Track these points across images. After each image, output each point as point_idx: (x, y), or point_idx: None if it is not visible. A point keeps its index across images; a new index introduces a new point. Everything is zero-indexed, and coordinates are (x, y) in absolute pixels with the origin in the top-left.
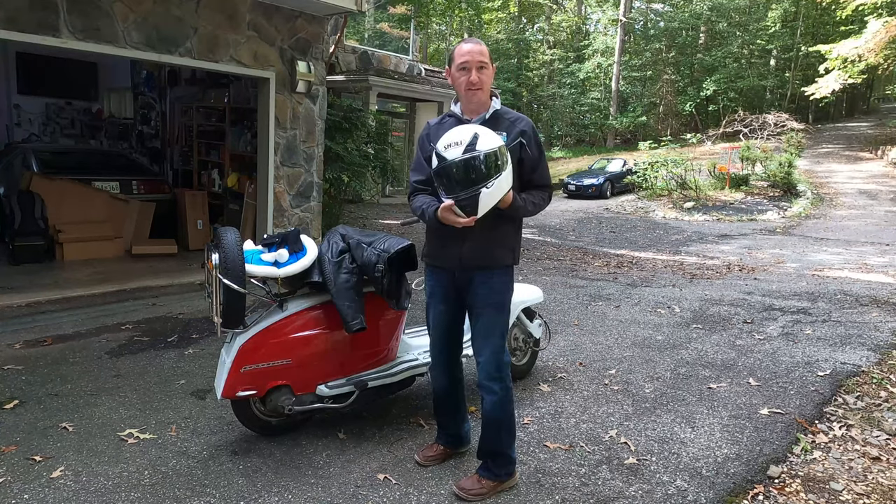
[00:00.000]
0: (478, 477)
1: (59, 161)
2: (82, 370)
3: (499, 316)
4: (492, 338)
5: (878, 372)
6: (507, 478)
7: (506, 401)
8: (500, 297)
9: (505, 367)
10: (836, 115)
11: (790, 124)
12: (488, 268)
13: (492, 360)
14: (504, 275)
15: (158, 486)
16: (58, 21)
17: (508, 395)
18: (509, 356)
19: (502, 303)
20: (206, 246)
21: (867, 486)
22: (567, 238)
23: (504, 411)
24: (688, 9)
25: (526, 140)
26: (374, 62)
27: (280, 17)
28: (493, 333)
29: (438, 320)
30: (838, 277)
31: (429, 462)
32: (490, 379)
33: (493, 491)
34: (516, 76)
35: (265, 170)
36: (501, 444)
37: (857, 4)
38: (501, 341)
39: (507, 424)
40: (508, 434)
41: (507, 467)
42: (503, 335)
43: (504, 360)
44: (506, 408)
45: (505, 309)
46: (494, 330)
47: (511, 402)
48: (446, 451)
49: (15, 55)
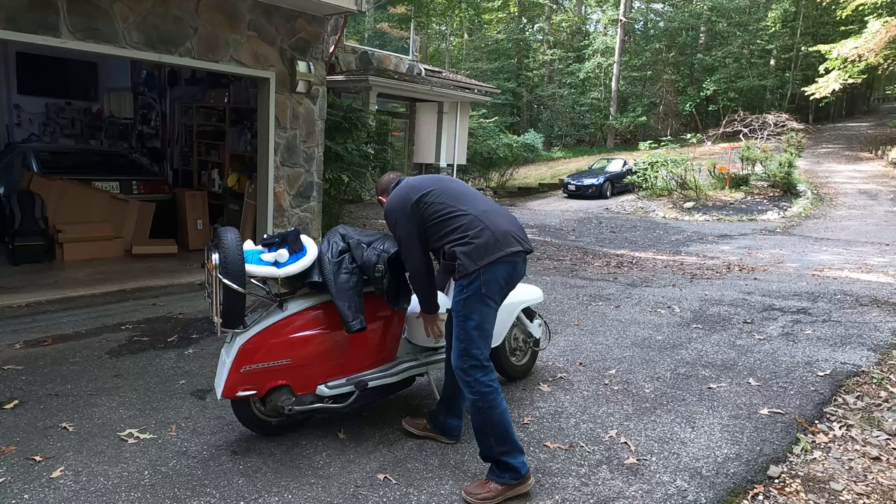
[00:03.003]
0: (485, 480)
1: (59, 161)
2: (82, 370)
3: (456, 322)
4: (456, 342)
5: (878, 372)
6: (514, 482)
7: (481, 406)
8: (454, 307)
9: (471, 371)
10: (836, 115)
11: (790, 124)
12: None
13: (454, 363)
14: (455, 287)
15: (158, 486)
16: (58, 21)
17: (482, 401)
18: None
19: (455, 311)
20: (206, 246)
21: (867, 486)
22: (567, 238)
23: (481, 417)
24: (688, 9)
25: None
26: (374, 62)
27: (280, 17)
28: (457, 338)
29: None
30: (838, 277)
31: (410, 428)
32: (460, 382)
33: (502, 495)
34: (516, 76)
35: (265, 170)
36: (493, 450)
37: (857, 4)
38: (459, 344)
39: (489, 431)
40: (498, 441)
41: (511, 472)
42: (460, 338)
43: (465, 365)
44: (484, 413)
45: (459, 315)
46: (457, 335)
47: (492, 409)
48: (427, 428)
49: (15, 55)
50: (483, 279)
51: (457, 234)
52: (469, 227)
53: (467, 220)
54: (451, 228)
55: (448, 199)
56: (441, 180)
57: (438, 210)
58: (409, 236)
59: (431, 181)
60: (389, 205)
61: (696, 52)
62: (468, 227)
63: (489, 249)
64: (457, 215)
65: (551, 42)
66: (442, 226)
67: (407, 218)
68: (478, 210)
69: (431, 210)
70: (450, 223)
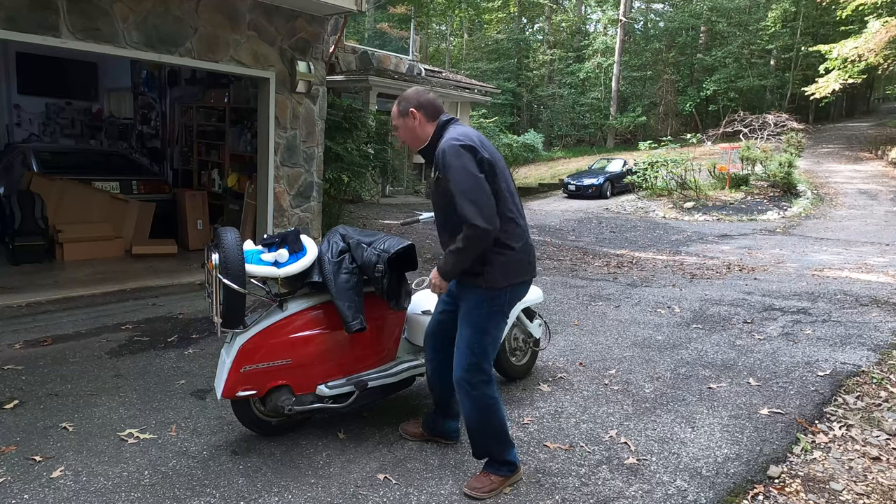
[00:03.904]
0: (485, 472)
1: (59, 161)
2: (82, 370)
3: (471, 333)
4: (462, 353)
5: (878, 372)
6: (510, 474)
7: (484, 416)
8: (470, 316)
9: (479, 386)
10: (836, 115)
11: (790, 124)
12: (460, 282)
13: (461, 375)
14: (472, 294)
15: (158, 486)
16: (58, 21)
17: (486, 412)
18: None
19: (473, 322)
20: (206, 246)
21: (867, 486)
22: (567, 238)
23: (482, 424)
24: (688, 9)
25: (440, 169)
26: (374, 62)
27: (280, 17)
28: (463, 348)
29: (434, 320)
30: (838, 277)
31: (405, 435)
32: (461, 393)
33: (501, 486)
34: (516, 76)
35: (265, 170)
36: (490, 450)
37: (857, 4)
38: (472, 358)
39: (486, 432)
40: (495, 441)
41: (508, 465)
42: (475, 352)
43: (476, 380)
44: (485, 420)
45: (477, 328)
46: (464, 345)
47: (493, 416)
48: (423, 434)
49: (15, 55)
50: (509, 297)
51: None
52: (517, 237)
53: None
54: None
55: (506, 190)
56: (500, 159)
57: (499, 194)
58: (479, 182)
59: (496, 153)
60: (453, 142)
61: (696, 52)
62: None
63: (524, 269)
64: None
65: (551, 42)
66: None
67: (475, 166)
68: (524, 221)
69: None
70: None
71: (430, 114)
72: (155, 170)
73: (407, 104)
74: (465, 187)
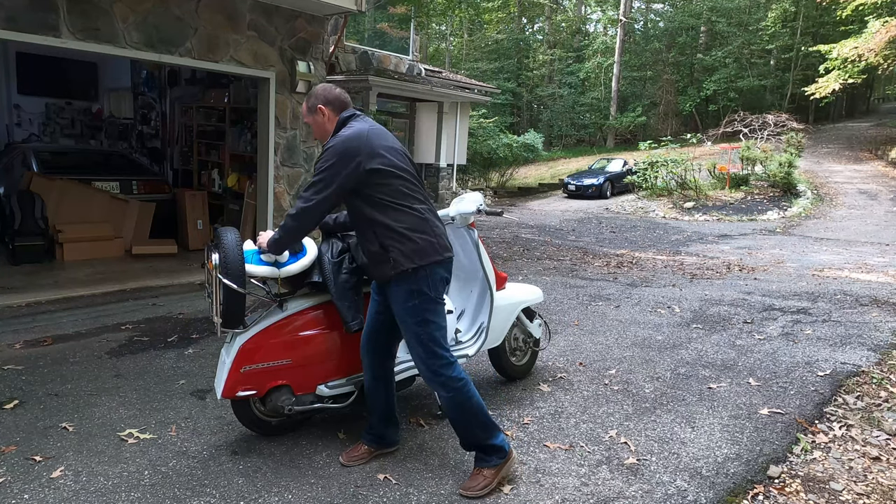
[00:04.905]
0: (477, 470)
1: (59, 161)
2: (82, 370)
3: (414, 326)
4: (414, 348)
5: (878, 372)
6: (502, 462)
7: (459, 400)
8: (403, 313)
9: (441, 370)
10: (836, 115)
11: (790, 124)
12: (387, 283)
13: (422, 368)
14: (397, 285)
15: (158, 486)
16: (58, 21)
17: (459, 395)
18: (447, 359)
19: (409, 317)
20: (206, 246)
21: (867, 486)
22: (567, 238)
23: (461, 410)
24: (688, 9)
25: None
26: (374, 62)
27: (280, 17)
28: (413, 343)
29: (367, 329)
30: (838, 277)
31: (353, 462)
32: (431, 383)
33: (497, 476)
34: (516, 76)
35: (265, 170)
36: (477, 438)
37: (857, 4)
38: (425, 349)
39: (472, 420)
40: (481, 428)
41: (497, 453)
42: (423, 341)
43: (435, 366)
44: (463, 406)
45: (416, 320)
46: (412, 340)
47: (468, 400)
48: (370, 450)
49: (15, 55)
50: (430, 280)
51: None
52: (414, 226)
53: (415, 216)
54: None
55: (403, 186)
56: (396, 151)
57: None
58: (336, 190)
59: (390, 147)
60: (339, 142)
61: (696, 52)
62: (412, 225)
63: (433, 250)
64: (401, 207)
65: (551, 42)
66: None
67: (347, 176)
68: (428, 205)
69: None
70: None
71: (336, 109)
72: (155, 170)
73: (315, 101)
74: (317, 179)
